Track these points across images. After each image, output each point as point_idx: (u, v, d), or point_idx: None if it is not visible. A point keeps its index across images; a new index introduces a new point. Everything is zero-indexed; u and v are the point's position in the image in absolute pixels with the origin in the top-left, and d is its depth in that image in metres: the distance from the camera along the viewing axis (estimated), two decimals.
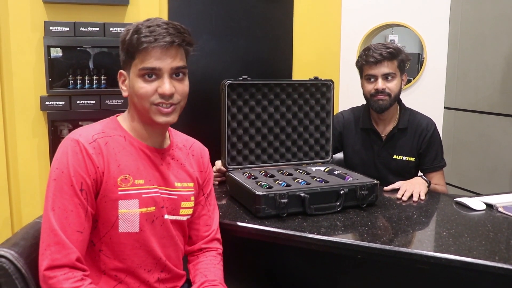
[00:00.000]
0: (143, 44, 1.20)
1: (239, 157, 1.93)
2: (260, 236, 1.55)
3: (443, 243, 1.44)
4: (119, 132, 1.28)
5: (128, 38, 1.23)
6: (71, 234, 1.14)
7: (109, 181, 1.21)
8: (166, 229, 1.31)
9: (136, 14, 2.71)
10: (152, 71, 1.23)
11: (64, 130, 2.73)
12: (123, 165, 1.24)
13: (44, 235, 1.14)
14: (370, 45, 2.12)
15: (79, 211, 1.16)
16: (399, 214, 1.69)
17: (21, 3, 2.48)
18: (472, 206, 1.74)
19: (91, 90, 2.63)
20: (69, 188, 1.16)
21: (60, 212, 1.14)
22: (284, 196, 1.60)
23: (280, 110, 1.98)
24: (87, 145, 1.19)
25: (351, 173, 1.88)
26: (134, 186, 1.24)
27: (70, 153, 1.18)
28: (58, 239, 1.12)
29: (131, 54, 1.24)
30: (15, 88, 2.53)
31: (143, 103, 1.25)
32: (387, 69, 2.05)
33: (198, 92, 2.91)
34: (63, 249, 1.12)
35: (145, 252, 1.27)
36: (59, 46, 2.61)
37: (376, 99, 2.07)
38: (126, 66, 1.28)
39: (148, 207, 1.26)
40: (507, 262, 1.29)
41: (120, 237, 1.23)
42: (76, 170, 1.17)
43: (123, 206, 1.22)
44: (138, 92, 1.24)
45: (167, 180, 1.32)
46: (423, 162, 2.16)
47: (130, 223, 1.23)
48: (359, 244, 1.43)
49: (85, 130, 1.25)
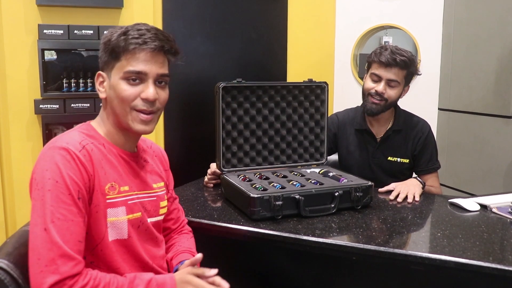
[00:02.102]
0: (131, 45, 1.20)
1: (234, 160, 1.93)
2: (255, 239, 1.55)
3: (437, 244, 1.45)
4: (98, 139, 1.25)
5: (115, 39, 1.21)
6: (73, 245, 1.09)
7: (98, 190, 1.18)
8: (149, 233, 1.32)
9: (130, 17, 2.70)
10: (137, 75, 1.22)
11: (59, 133, 2.71)
12: (108, 172, 1.22)
13: (43, 250, 1.06)
14: (387, 45, 2.09)
15: (79, 220, 1.12)
16: (394, 215, 1.70)
17: (15, 6, 2.47)
18: (466, 207, 1.75)
19: (85, 93, 2.62)
20: (67, 197, 1.11)
21: (60, 223, 1.08)
22: (279, 199, 1.60)
23: (274, 113, 1.98)
24: (77, 152, 1.15)
25: (345, 175, 1.88)
26: (120, 193, 1.23)
27: (62, 161, 1.13)
28: (63, 251, 1.07)
29: (116, 55, 1.22)
30: (9, 91, 2.52)
31: (123, 107, 1.23)
32: (393, 76, 2.03)
33: (192, 94, 2.91)
34: (70, 260, 1.07)
35: (132, 257, 1.26)
36: (53, 49, 2.61)
37: (371, 100, 2.07)
38: (107, 68, 1.25)
39: (134, 213, 1.26)
40: (501, 262, 1.29)
41: (109, 245, 1.21)
42: (71, 178, 1.12)
43: (111, 214, 1.20)
44: (120, 95, 1.22)
45: (146, 183, 1.33)
46: (418, 164, 2.16)
47: (119, 230, 1.22)
48: (354, 246, 1.43)
49: (67, 138, 1.19)
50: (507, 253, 1.38)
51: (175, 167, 3.21)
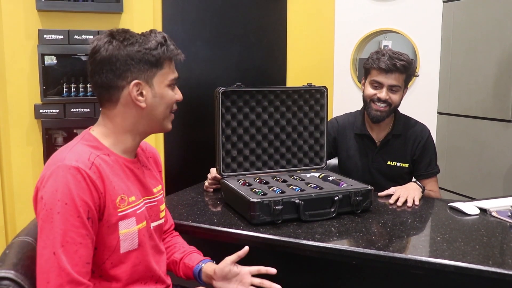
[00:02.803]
0: (173, 54, 1.29)
1: (234, 164, 1.93)
2: (255, 243, 1.54)
3: (437, 248, 1.45)
4: (102, 149, 1.24)
5: (156, 48, 1.25)
6: (82, 267, 1.10)
7: (110, 205, 1.18)
8: (153, 239, 1.33)
9: (130, 22, 2.71)
10: (176, 81, 1.33)
11: (59, 138, 2.72)
12: (117, 186, 1.21)
13: (52, 275, 1.07)
14: (384, 50, 2.06)
15: (87, 242, 1.12)
16: (394, 219, 1.70)
17: (15, 11, 2.48)
18: (466, 211, 1.75)
19: (85, 98, 2.62)
20: (76, 219, 1.10)
21: (69, 247, 1.08)
22: (278, 203, 1.60)
23: (274, 117, 1.98)
24: (88, 171, 1.13)
25: (345, 179, 1.88)
26: (129, 204, 1.23)
27: (73, 181, 1.11)
28: (71, 278, 1.07)
29: (159, 64, 1.27)
30: (9, 96, 2.52)
31: (167, 111, 1.32)
32: (395, 81, 2.02)
33: (193, 99, 2.91)
34: (78, 286, 1.08)
35: (143, 266, 1.27)
36: (53, 54, 2.61)
37: (375, 108, 2.06)
38: (143, 76, 1.24)
39: (142, 221, 1.27)
40: (501, 266, 1.29)
41: (121, 258, 1.21)
42: (82, 199, 1.11)
43: (123, 226, 1.21)
44: (171, 100, 1.31)
45: (148, 189, 1.34)
46: (417, 168, 2.16)
47: (131, 241, 1.23)
48: (354, 250, 1.43)
49: (76, 154, 1.17)
50: (506, 257, 1.38)
51: (175, 172, 3.22)
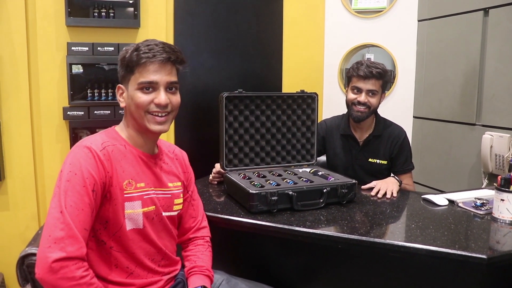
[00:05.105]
0: (142, 59, 1.22)
1: (235, 160, 1.93)
2: (253, 229, 1.55)
3: (411, 234, 1.45)
4: (120, 141, 1.27)
5: (128, 55, 1.24)
6: (80, 230, 1.10)
7: (116, 186, 1.19)
8: (163, 224, 1.32)
9: (146, 36, 2.70)
10: (149, 85, 1.23)
11: (84, 136, 2.71)
12: (126, 170, 1.23)
13: (56, 229, 1.07)
14: (363, 60, 2.08)
15: (88, 210, 1.12)
16: (374, 209, 1.70)
17: (48, 27, 2.47)
18: (436, 202, 1.75)
19: (107, 102, 2.61)
20: (82, 188, 1.12)
21: (71, 210, 1.09)
22: (274, 194, 1.60)
23: (271, 119, 1.98)
24: (98, 152, 1.18)
25: (333, 174, 1.89)
26: (137, 189, 1.24)
27: (84, 157, 1.15)
28: (72, 233, 1.07)
29: (130, 69, 1.24)
30: (42, 100, 2.52)
31: (139, 112, 1.25)
32: (372, 86, 2.03)
33: (199, 103, 2.91)
34: (76, 242, 1.07)
35: (148, 244, 1.27)
36: (80, 63, 2.60)
37: (356, 109, 2.07)
38: (124, 81, 1.28)
39: (149, 206, 1.26)
40: (466, 250, 1.30)
41: (127, 234, 1.22)
42: (89, 172, 1.14)
43: (128, 207, 1.21)
44: (136, 102, 1.24)
45: (162, 181, 1.33)
46: (395, 165, 2.16)
47: (135, 221, 1.23)
48: (340, 236, 1.44)
49: (93, 139, 1.22)
50: (470, 242, 1.38)
51: None
